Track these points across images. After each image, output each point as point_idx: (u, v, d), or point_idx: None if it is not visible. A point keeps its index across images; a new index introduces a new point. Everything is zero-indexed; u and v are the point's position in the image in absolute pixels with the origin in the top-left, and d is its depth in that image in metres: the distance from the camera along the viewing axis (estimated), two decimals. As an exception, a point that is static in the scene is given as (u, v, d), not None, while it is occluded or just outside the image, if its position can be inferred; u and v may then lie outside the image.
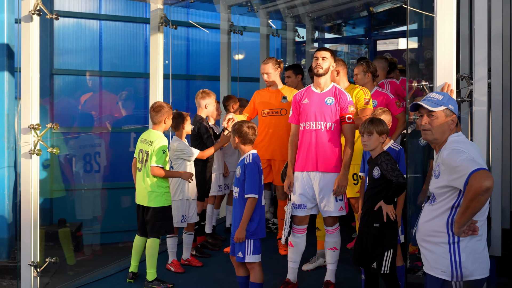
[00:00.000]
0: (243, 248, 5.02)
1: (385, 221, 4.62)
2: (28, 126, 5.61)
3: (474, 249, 3.47)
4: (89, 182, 9.32)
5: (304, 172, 5.44)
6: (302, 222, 5.52)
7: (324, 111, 5.40)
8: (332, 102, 5.40)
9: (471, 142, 3.67)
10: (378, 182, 4.71)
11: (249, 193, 4.96)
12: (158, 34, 7.26)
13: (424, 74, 6.84)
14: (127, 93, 10.01)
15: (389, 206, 4.62)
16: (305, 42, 11.45)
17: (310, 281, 5.86)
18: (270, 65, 6.49)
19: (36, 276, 5.67)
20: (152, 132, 5.92)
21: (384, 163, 4.64)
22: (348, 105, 5.40)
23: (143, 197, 5.87)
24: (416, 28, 8.16)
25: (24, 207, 5.63)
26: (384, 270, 4.64)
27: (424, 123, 3.67)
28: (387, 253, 4.63)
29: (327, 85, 5.50)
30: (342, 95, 5.42)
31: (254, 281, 5.09)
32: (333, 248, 5.46)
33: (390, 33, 12.91)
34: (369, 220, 4.71)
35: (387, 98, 6.41)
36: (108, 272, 6.36)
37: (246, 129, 5.07)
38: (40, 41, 5.78)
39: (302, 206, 5.44)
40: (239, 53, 9.95)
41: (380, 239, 4.66)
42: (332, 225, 5.47)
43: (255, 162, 5.02)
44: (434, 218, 3.54)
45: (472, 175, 3.24)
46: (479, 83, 5.17)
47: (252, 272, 5.09)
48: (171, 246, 6.35)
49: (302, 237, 5.54)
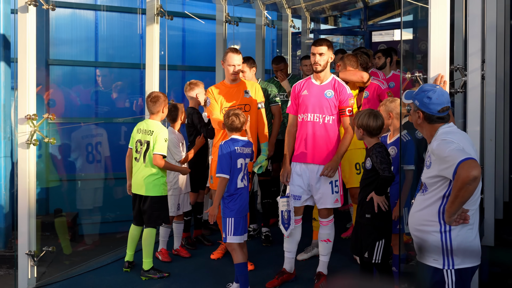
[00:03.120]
0: (225, 229, 5.26)
1: (376, 211, 4.66)
2: (24, 116, 5.62)
3: (466, 237, 3.52)
4: (85, 172, 9.34)
5: (301, 164, 5.48)
6: (297, 213, 5.55)
7: (323, 103, 5.40)
8: (332, 95, 5.39)
9: (462, 132, 3.71)
10: (370, 173, 4.74)
11: (218, 172, 5.24)
12: (154, 25, 7.26)
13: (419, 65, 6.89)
14: (123, 83, 10.01)
15: (380, 197, 4.65)
16: (301, 33, 11.47)
17: (305, 271, 5.91)
18: (241, 56, 6.09)
19: (33, 265, 5.70)
20: (150, 121, 5.94)
21: (375, 155, 4.66)
22: (348, 98, 5.38)
23: (140, 186, 5.90)
24: (411, 19, 8.18)
25: (21, 197, 5.65)
26: (375, 259, 4.68)
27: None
28: (379, 243, 4.67)
29: (326, 77, 5.50)
30: (343, 89, 5.41)
31: (236, 262, 5.27)
32: (326, 240, 5.49)
33: (386, 24, 12.93)
34: (362, 210, 4.76)
35: (378, 89, 6.46)
36: (105, 262, 6.41)
37: (233, 117, 5.31)
38: (36, 32, 5.79)
39: (298, 197, 5.49)
40: (235, 44, 9.95)
41: (372, 229, 4.70)
42: (327, 217, 5.50)
43: (226, 144, 5.28)
44: (426, 207, 3.60)
45: (460, 164, 3.29)
46: (473, 74, 5.21)
47: (233, 254, 5.28)
48: (163, 235, 6.43)
49: (297, 227, 5.57)
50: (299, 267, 5.96)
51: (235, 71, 5.98)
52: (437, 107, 3.60)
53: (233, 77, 6.00)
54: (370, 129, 4.73)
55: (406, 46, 8.04)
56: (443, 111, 3.61)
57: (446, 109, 3.63)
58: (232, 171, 5.23)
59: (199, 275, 5.92)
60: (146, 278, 5.83)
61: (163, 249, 6.41)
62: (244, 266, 5.28)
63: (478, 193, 3.53)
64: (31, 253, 5.67)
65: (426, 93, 3.63)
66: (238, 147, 5.28)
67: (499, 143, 7.03)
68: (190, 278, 5.86)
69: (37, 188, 5.90)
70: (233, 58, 5.96)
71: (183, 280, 5.81)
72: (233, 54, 5.96)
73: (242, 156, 5.30)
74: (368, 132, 4.75)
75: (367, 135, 4.77)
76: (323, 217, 5.51)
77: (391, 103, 5.19)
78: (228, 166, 5.22)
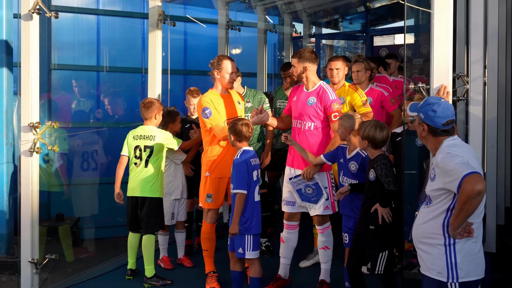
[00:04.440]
0: (243, 245, 5.14)
1: (380, 223, 4.66)
2: (28, 124, 5.62)
3: (470, 250, 3.53)
4: (88, 177, 9.33)
5: (292, 169, 5.53)
6: (292, 219, 5.58)
7: (305, 111, 5.45)
8: (313, 102, 5.41)
9: (466, 145, 3.72)
10: (374, 185, 4.74)
11: (236, 188, 5.11)
12: (157, 31, 7.27)
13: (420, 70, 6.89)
14: (125, 88, 10.02)
15: (385, 209, 4.66)
16: (302, 37, 11.47)
17: (307, 278, 5.92)
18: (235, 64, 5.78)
19: (36, 273, 5.71)
20: (147, 127, 5.99)
21: (380, 167, 4.66)
22: (332, 103, 5.36)
23: (138, 189, 5.94)
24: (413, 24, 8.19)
25: (24, 205, 5.66)
26: (378, 270, 4.70)
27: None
28: (382, 254, 4.70)
29: (313, 84, 5.52)
30: (325, 95, 5.39)
31: (253, 276, 5.19)
32: (325, 247, 5.49)
33: (387, 29, 12.94)
34: (366, 222, 4.76)
35: (381, 95, 6.47)
36: (107, 269, 6.41)
37: (241, 126, 5.16)
38: (39, 37, 5.80)
39: (291, 203, 5.51)
40: (237, 48, 9.97)
41: (375, 240, 4.72)
42: (322, 224, 5.49)
43: (243, 159, 5.13)
44: (430, 220, 3.60)
45: (465, 178, 3.29)
46: (475, 82, 5.22)
47: (252, 268, 5.19)
48: (162, 243, 6.43)
49: (293, 233, 5.60)
50: (301, 274, 5.97)
51: (234, 79, 5.71)
52: (442, 120, 3.61)
53: (230, 85, 5.72)
54: (376, 141, 4.73)
55: (409, 53, 8.03)
56: (448, 124, 3.62)
57: (451, 122, 3.63)
58: (249, 185, 5.13)
59: (201, 282, 5.91)
60: (149, 286, 5.84)
61: (164, 257, 6.41)
62: (260, 281, 5.24)
63: (482, 206, 3.54)
64: (34, 261, 5.67)
65: (431, 106, 3.64)
66: (252, 159, 5.20)
67: (500, 149, 7.03)
68: (193, 285, 5.86)
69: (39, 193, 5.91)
70: (231, 65, 5.65)
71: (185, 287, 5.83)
72: (230, 61, 5.66)
73: (256, 167, 5.22)
74: (373, 144, 4.75)
75: (371, 147, 4.77)
76: (318, 224, 5.52)
77: (349, 120, 5.08)
78: (246, 180, 5.11)
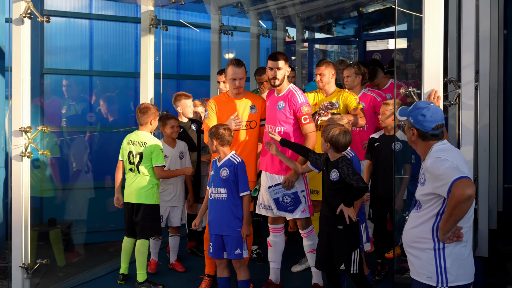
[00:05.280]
0: (240, 245, 5.15)
1: (347, 223, 4.71)
2: (19, 129, 5.61)
3: (459, 255, 3.53)
4: (80, 182, 9.31)
5: (267, 173, 5.55)
6: (277, 222, 5.60)
7: (275, 115, 5.48)
8: (283, 107, 5.44)
9: (456, 150, 3.73)
10: (336, 185, 4.79)
11: (244, 190, 5.14)
12: (149, 35, 7.27)
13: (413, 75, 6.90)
14: (118, 92, 10.00)
15: (350, 209, 4.72)
16: (296, 42, 11.49)
17: (299, 282, 5.91)
18: (244, 68, 5.72)
19: (27, 278, 5.69)
20: (141, 133, 5.97)
21: (346, 167, 4.71)
22: (301, 107, 5.39)
23: (133, 195, 5.92)
24: (405, 28, 8.20)
25: (15, 210, 5.64)
26: (353, 270, 4.73)
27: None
28: (354, 253, 4.76)
29: (283, 89, 5.52)
30: (294, 98, 5.42)
31: (243, 279, 5.21)
32: (312, 250, 5.47)
33: (380, 34, 12.96)
34: (333, 222, 4.79)
35: (374, 100, 6.47)
36: (99, 273, 6.40)
37: (223, 130, 5.18)
38: (30, 42, 5.79)
39: (268, 207, 5.52)
40: (230, 53, 9.96)
41: (346, 239, 4.76)
42: (305, 228, 5.49)
43: (242, 161, 5.20)
44: (420, 224, 3.60)
45: (455, 183, 3.30)
46: (467, 86, 5.22)
47: (241, 270, 5.21)
48: (153, 247, 6.42)
49: (279, 236, 5.61)
50: (293, 279, 5.96)
51: (237, 85, 5.62)
52: (431, 124, 3.62)
53: (236, 91, 5.66)
54: (339, 145, 4.80)
55: (401, 57, 8.03)
56: (437, 129, 3.63)
57: (440, 127, 3.64)
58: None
59: (194, 286, 5.89)
60: None
61: (152, 260, 6.41)
62: (249, 283, 5.25)
63: (472, 210, 3.54)
64: (24, 265, 5.65)
65: (420, 111, 3.65)
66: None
67: (492, 154, 7.04)
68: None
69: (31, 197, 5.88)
70: (233, 71, 5.61)
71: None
72: (233, 67, 5.61)
73: None
74: (335, 148, 4.82)
75: (333, 150, 4.83)
76: (301, 228, 5.52)
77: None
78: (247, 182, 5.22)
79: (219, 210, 5.19)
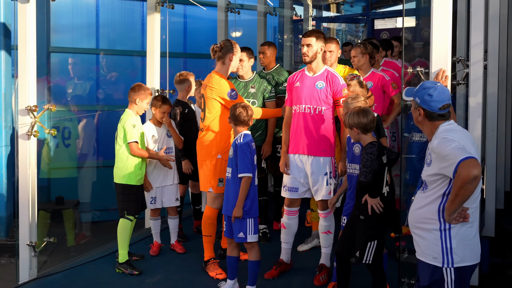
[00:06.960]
0: (244, 229, 5.11)
1: (370, 214, 4.60)
2: (25, 108, 5.62)
3: (465, 236, 3.52)
4: (87, 161, 9.33)
5: (296, 155, 5.49)
6: (293, 204, 5.58)
7: (314, 95, 5.40)
8: (323, 86, 5.39)
9: (463, 130, 3.69)
10: None
11: (243, 172, 5.07)
12: (155, 14, 7.22)
13: (421, 53, 6.84)
14: (124, 71, 9.98)
15: (374, 200, 4.58)
16: (303, 20, 11.40)
17: (305, 262, 5.93)
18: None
19: (34, 256, 5.73)
20: (125, 111, 5.95)
21: (365, 155, 4.57)
22: (342, 89, 5.38)
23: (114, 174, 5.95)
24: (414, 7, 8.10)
25: (22, 189, 5.66)
26: (366, 260, 4.64)
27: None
28: (371, 243, 4.61)
29: (319, 68, 5.49)
30: (335, 79, 5.40)
31: (253, 259, 5.17)
32: (327, 232, 5.48)
33: (388, 12, 12.84)
34: (358, 210, 4.71)
35: (382, 79, 6.39)
36: (105, 252, 6.41)
37: (239, 109, 5.14)
38: (36, 20, 5.77)
39: (294, 189, 5.50)
40: (236, 31, 9.91)
41: (365, 229, 4.65)
42: (325, 209, 5.48)
43: (246, 143, 5.11)
44: (426, 205, 3.58)
45: (461, 163, 3.27)
46: (475, 66, 5.17)
47: (252, 252, 5.17)
48: (154, 228, 6.41)
49: (294, 219, 5.60)
50: (299, 258, 5.98)
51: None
52: (438, 104, 3.58)
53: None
54: (363, 125, 4.61)
55: (409, 36, 7.96)
56: (444, 109, 3.60)
57: (447, 107, 3.61)
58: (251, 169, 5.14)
59: (195, 270, 5.89)
60: (119, 271, 5.81)
61: (155, 242, 6.39)
62: (258, 264, 5.21)
63: (478, 191, 3.52)
64: (32, 244, 5.69)
65: (427, 91, 3.61)
66: (252, 143, 5.17)
67: (500, 134, 7.02)
68: (189, 271, 5.86)
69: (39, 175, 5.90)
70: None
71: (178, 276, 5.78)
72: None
73: (255, 152, 5.21)
74: (364, 130, 4.63)
75: (361, 133, 4.66)
76: (321, 209, 5.50)
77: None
78: (251, 163, 5.10)
79: (227, 190, 5.20)
